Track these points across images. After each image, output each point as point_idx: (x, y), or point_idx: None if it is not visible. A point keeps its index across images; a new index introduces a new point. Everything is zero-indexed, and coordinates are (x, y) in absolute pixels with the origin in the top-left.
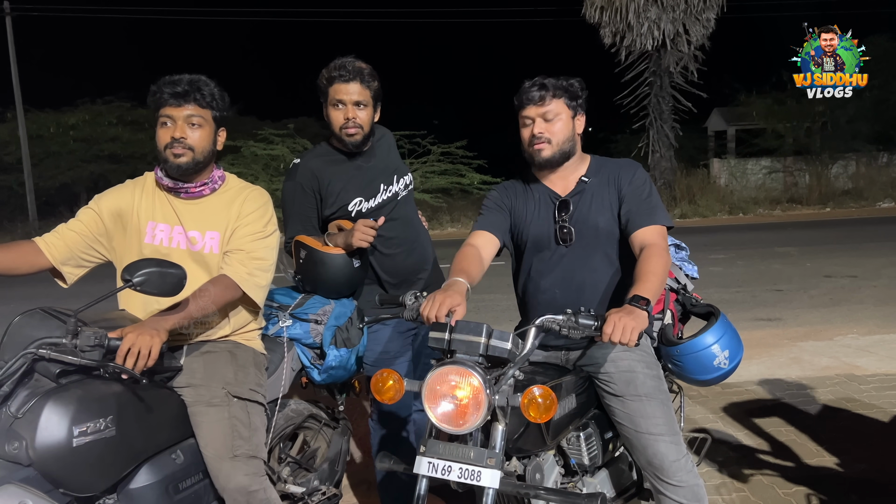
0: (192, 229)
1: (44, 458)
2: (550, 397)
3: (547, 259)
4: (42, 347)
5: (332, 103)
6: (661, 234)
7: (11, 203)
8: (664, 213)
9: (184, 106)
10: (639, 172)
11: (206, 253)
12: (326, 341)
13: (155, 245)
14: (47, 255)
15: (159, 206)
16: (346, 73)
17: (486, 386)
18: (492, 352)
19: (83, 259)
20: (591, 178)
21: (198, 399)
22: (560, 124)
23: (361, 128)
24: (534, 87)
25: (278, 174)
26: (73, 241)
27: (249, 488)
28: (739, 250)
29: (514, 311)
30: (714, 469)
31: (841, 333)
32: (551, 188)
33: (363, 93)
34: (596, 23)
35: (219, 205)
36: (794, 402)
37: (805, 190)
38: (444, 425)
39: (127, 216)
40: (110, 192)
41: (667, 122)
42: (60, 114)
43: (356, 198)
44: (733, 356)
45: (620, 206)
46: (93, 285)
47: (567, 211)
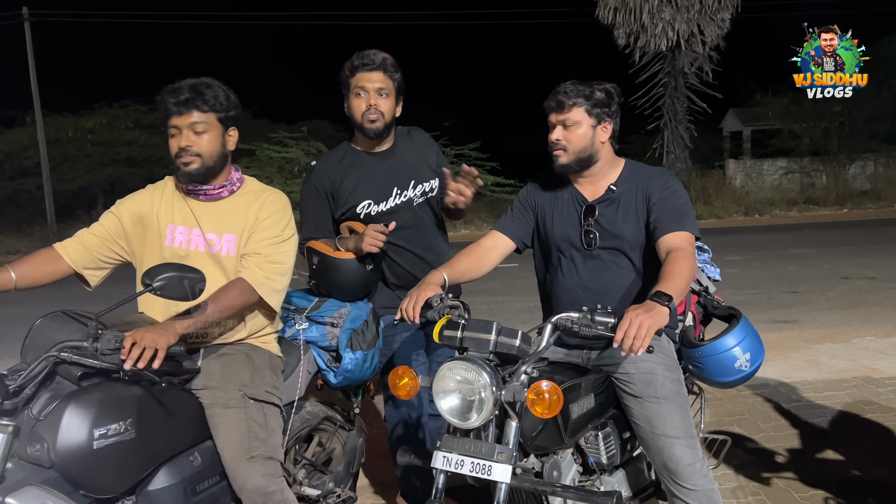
0: (209, 231)
1: (65, 460)
2: (557, 393)
3: (571, 260)
4: (64, 350)
5: (354, 92)
6: (689, 240)
7: (30, 206)
8: (694, 221)
9: (186, 114)
10: (671, 181)
11: (224, 255)
12: (342, 344)
13: (174, 248)
14: (67, 261)
15: (178, 209)
16: (370, 62)
17: (492, 382)
18: (500, 349)
19: (103, 261)
20: (619, 187)
21: (215, 401)
22: (578, 132)
23: (383, 115)
24: (555, 94)
25: (293, 177)
26: (92, 243)
27: (266, 489)
28: (755, 252)
29: (527, 314)
30: (730, 472)
31: (858, 336)
32: (580, 191)
33: (386, 82)
34: (610, 24)
35: (236, 207)
36: (810, 405)
37: (822, 191)
38: (452, 419)
39: (147, 220)
40: (131, 196)
41: (681, 123)
42: (78, 118)
43: (366, 200)
44: (755, 359)
45: (648, 215)
46: (110, 288)
47: (593, 216)
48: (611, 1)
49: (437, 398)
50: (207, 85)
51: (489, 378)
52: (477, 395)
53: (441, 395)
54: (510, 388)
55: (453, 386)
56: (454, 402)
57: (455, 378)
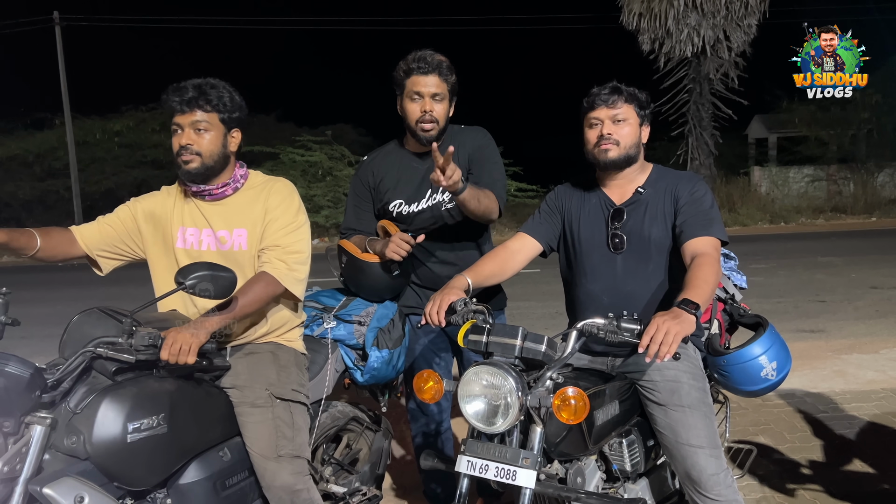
0: (220, 229)
1: (100, 452)
2: (583, 399)
3: (597, 264)
4: (100, 346)
5: (408, 95)
6: (715, 246)
7: (59, 207)
8: (721, 227)
9: (189, 112)
10: (699, 185)
11: (236, 251)
12: (369, 343)
13: (186, 249)
14: (81, 244)
15: (188, 211)
16: (426, 65)
17: (518, 387)
18: (526, 354)
19: (116, 252)
20: (647, 189)
21: (242, 400)
22: (629, 129)
23: (437, 122)
24: (606, 90)
25: (316, 180)
26: (107, 233)
27: (294, 487)
28: (781, 260)
29: (549, 319)
30: (755, 482)
31: (887, 346)
32: (608, 195)
33: (441, 86)
34: (634, 29)
35: (243, 202)
36: (837, 416)
37: (850, 199)
38: (478, 424)
39: (160, 221)
40: (147, 196)
41: (706, 130)
42: (106, 120)
43: (398, 199)
44: (781, 368)
45: (675, 219)
46: (138, 288)
47: (620, 220)
48: (635, 6)
49: (462, 402)
50: (212, 85)
51: (515, 383)
52: (503, 400)
53: (467, 400)
54: (536, 394)
55: (479, 390)
56: (480, 407)
57: (481, 383)
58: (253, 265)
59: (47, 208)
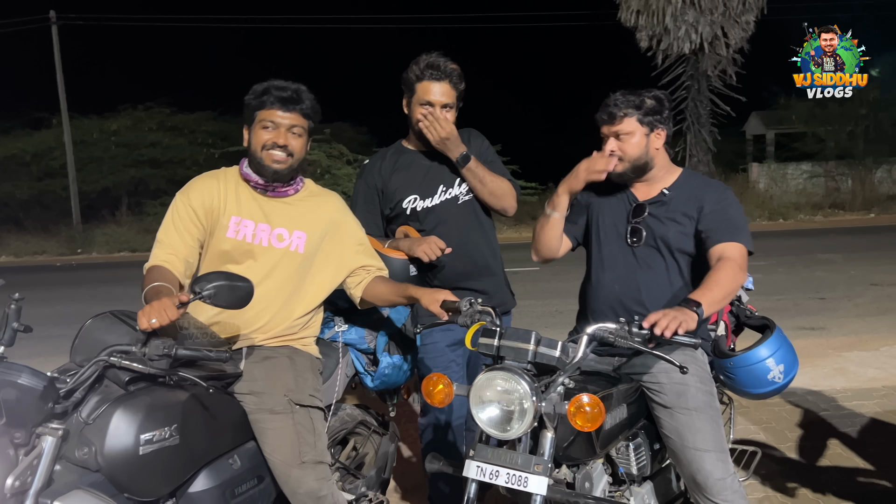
0: (279, 226)
1: (111, 464)
2: (598, 406)
3: (613, 254)
4: (113, 355)
5: (418, 101)
6: (741, 252)
7: (56, 207)
8: (748, 236)
9: (290, 113)
10: (728, 194)
11: (292, 251)
12: (380, 347)
13: (237, 240)
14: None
15: (244, 203)
16: (439, 72)
17: (532, 393)
18: (540, 359)
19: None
20: (672, 192)
21: (260, 407)
22: (632, 142)
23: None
24: (605, 107)
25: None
26: (186, 254)
27: (319, 493)
28: (780, 257)
29: (549, 318)
30: (756, 482)
31: (888, 343)
32: (633, 192)
33: (451, 94)
34: (632, 26)
35: (304, 206)
36: (839, 415)
37: (848, 195)
38: (491, 430)
39: (213, 210)
40: (195, 187)
41: (704, 127)
42: (103, 120)
43: (412, 195)
44: (788, 370)
45: (698, 224)
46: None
47: (641, 215)
48: (633, 3)
49: (474, 409)
50: (307, 94)
51: (530, 388)
52: (517, 406)
53: (480, 406)
54: (549, 400)
55: (492, 396)
56: (493, 413)
57: (494, 388)
58: (303, 269)
59: (45, 208)
